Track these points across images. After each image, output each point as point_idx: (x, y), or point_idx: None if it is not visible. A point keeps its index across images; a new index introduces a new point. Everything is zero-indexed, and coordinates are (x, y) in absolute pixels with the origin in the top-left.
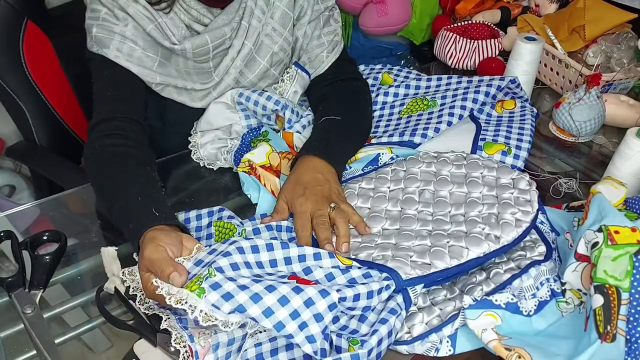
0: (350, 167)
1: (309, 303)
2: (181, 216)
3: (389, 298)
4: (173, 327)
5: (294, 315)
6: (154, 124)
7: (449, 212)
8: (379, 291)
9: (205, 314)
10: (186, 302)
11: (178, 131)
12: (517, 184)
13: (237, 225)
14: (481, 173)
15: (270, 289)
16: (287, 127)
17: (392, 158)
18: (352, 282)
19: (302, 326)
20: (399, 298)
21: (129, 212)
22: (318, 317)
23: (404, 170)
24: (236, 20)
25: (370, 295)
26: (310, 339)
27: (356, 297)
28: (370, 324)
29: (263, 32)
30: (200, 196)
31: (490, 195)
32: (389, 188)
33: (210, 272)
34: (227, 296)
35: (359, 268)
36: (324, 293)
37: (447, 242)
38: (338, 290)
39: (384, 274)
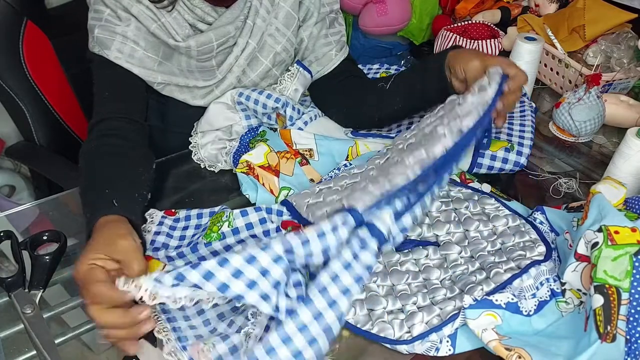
0: (351, 164)
1: (250, 260)
2: (182, 213)
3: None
4: (173, 352)
5: (237, 274)
6: (155, 124)
7: (421, 141)
8: (334, 229)
9: (150, 291)
10: (132, 283)
11: (179, 131)
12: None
13: (226, 210)
14: (457, 101)
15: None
16: (289, 125)
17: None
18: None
19: (251, 285)
20: (363, 232)
21: (91, 203)
22: (264, 273)
23: (391, 146)
24: (241, 19)
25: (321, 234)
26: (265, 297)
27: (305, 242)
28: (334, 273)
29: (267, 31)
30: (201, 196)
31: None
32: (379, 162)
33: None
34: (171, 272)
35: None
36: (265, 248)
37: (408, 160)
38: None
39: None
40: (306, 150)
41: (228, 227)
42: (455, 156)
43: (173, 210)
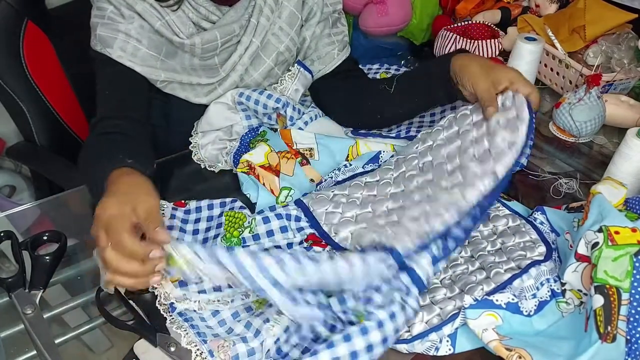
0: (351, 164)
1: (279, 262)
2: (193, 204)
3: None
4: (192, 342)
5: (264, 271)
6: (158, 124)
7: (447, 169)
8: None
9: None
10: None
11: (182, 131)
12: (505, 102)
13: (248, 216)
14: (471, 119)
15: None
16: (290, 125)
17: (392, 155)
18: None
19: (275, 284)
20: (404, 277)
21: (100, 164)
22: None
23: (403, 156)
24: (245, 17)
25: (369, 271)
26: (290, 297)
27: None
28: (377, 305)
29: (270, 31)
30: (202, 195)
31: (480, 134)
32: (392, 175)
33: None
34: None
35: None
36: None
37: (446, 198)
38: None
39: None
40: (307, 150)
41: (249, 233)
42: (492, 199)
43: (183, 201)
